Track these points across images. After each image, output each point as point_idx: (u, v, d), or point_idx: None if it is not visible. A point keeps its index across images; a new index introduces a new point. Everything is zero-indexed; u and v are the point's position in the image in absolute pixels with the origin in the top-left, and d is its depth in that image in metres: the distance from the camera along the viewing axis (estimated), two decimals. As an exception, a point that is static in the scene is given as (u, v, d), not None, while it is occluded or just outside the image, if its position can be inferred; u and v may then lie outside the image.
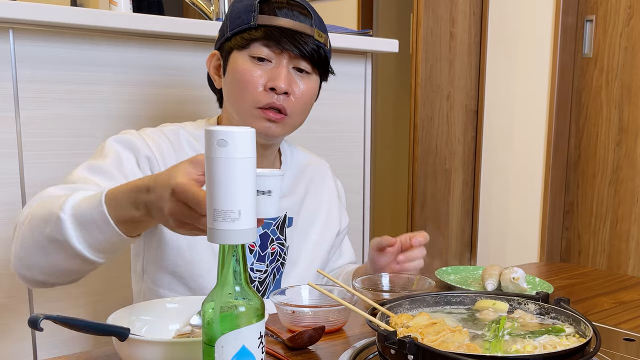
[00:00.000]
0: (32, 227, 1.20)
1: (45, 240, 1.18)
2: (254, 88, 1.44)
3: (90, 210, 1.14)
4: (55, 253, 1.19)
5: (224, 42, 1.49)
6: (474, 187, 4.07)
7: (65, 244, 1.16)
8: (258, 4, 1.44)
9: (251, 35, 1.43)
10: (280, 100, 1.45)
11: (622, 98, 3.45)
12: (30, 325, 0.93)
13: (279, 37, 1.42)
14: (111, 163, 1.38)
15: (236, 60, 1.46)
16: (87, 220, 1.14)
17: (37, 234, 1.19)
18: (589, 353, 0.98)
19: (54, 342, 1.84)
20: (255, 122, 1.46)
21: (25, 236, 1.21)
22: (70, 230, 1.15)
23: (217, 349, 0.78)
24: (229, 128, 0.77)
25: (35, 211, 1.21)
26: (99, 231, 1.14)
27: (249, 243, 0.81)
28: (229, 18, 1.48)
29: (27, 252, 1.22)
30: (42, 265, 1.22)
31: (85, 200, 1.17)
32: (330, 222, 1.72)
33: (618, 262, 3.53)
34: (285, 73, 1.45)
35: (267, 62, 1.45)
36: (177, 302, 1.22)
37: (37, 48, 1.77)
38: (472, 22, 3.90)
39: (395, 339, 0.95)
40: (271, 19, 1.43)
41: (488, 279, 1.57)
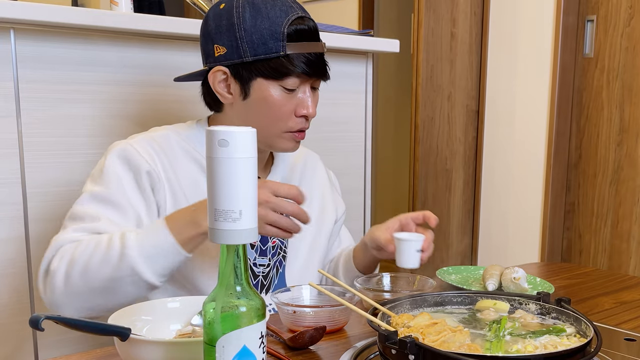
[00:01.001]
0: (87, 275, 1.30)
1: (109, 282, 1.29)
2: (288, 118, 1.48)
3: (157, 241, 1.30)
4: (118, 290, 1.30)
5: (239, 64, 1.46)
6: (475, 187, 4.07)
7: (136, 277, 1.29)
8: (285, 31, 1.42)
9: (284, 66, 1.44)
10: (307, 124, 1.52)
11: (623, 98, 3.45)
12: (31, 325, 0.93)
13: (309, 68, 1.45)
14: (115, 190, 1.43)
15: (267, 90, 1.46)
16: (154, 252, 1.29)
17: (94, 279, 1.30)
18: (590, 353, 0.98)
19: (55, 342, 1.84)
20: (284, 143, 1.52)
21: (76, 285, 1.31)
22: (140, 265, 1.28)
23: (218, 349, 0.78)
24: (230, 128, 0.77)
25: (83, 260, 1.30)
26: (165, 259, 1.29)
27: (250, 243, 0.80)
28: (246, 40, 1.43)
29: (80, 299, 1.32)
30: (100, 305, 1.33)
31: (146, 233, 1.31)
32: (326, 211, 1.73)
33: (619, 262, 3.53)
34: (312, 99, 1.50)
35: (294, 89, 1.48)
36: (178, 302, 1.22)
37: (38, 48, 1.78)
38: (473, 22, 3.90)
39: (396, 339, 0.95)
40: (298, 46, 1.44)
41: (489, 279, 1.57)
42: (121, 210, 1.41)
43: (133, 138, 1.50)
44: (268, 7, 1.43)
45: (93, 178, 1.46)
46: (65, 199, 1.80)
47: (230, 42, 1.45)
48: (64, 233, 1.38)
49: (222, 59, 1.48)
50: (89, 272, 1.29)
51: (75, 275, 1.30)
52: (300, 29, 1.44)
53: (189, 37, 2.01)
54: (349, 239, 1.86)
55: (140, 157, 1.45)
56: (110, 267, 1.28)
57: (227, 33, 1.45)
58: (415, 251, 1.47)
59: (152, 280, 1.29)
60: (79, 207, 1.42)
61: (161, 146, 1.50)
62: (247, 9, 1.44)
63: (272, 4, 1.44)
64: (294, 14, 1.44)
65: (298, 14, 1.45)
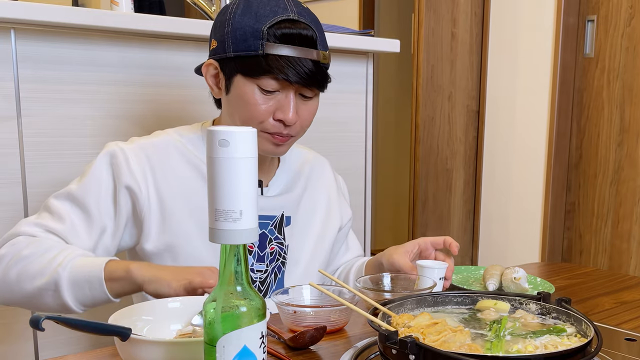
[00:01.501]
0: (21, 273, 1.35)
1: (36, 290, 1.34)
2: (262, 118, 1.45)
3: (89, 272, 1.32)
4: (40, 299, 1.35)
5: (224, 58, 1.46)
6: (475, 187, 4.07)
7: (57, 294, 1.33)
8: (266, 30, 1.39)
9: (260, 66, 1.40)
10: (287, 130, 1.47)
11: (624, 98, 3.45)
12: (31, 325, 0.93)
13: (288, 71, 1.40)
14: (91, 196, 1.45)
15: (243, 87, 1.44)
16: (82, 278, 1.32)
17: (25, 281, 1.35)
18: (590, 353, 0.98)
19: (55, 342, 1.84)
20: (262, 143, 1.48)
21: (10, 279, 1.36)
22: (65, 285, 1.32)
23: (219, 349, 0.78)
24: (230, 128, 0.78)
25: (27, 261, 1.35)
26: (90, 291, 1.33)
27: (251, 243, 0.80)
28: (231, 35, 1.42)
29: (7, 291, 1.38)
30: (17, 303, 1.41)
31: (85, 260, 1.35)
32: (331, 218, 1.71)
33: (619, 262, 3.53)
34: (294, 105, 1.45)
35: (275, 92, 1.44)
36: (178, 302, 1.22)
37: (39, 48, 1.78)
38: (473, 22, 3.90)
39: (396, 339, 0.95)
40: (279, 48, 1.39)
41: (489, 279, 1.57)
42: (87, 215, 1.44)
43: (131, 142, 1.50)
44: (260, 6, 1.42)
45: (81, 175, 1.48)
46: (66, 199, 1.80)
47: (221, 36, 1.45)
48: (26, 224, 1.43)
49: (213, 52, 1.49)
50: (26, 273, 1.34)
51: (13, 271, 1.35)
52: (286, 32, 1.40)
53: (189, 37, 2.01)
54: (358, 248, 1.84)
55: (125, 169, 1.45)
56: (42, 278, 1.33)
57: (220, 27, 1.46)
58: (439, 279, 1.47)
59: (70, 303, 1.33)
60: (53, 200, 1.46)
61: (158, 154, 1.49)
62: (241, 5, 1.43)
63: (266, 2, 1.42)
64: (284, 16, 1.40)
65: (289, 17, 1.41)
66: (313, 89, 1.47)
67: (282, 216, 1.60)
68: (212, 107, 1.71)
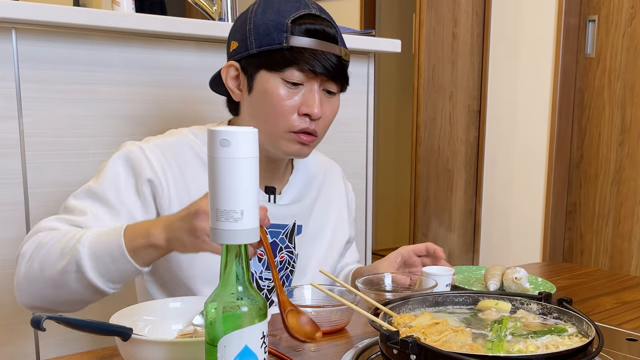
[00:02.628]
0: (43, 262, 1.28)
1: (58, 274, 1.26)
2: (289, 114, 1.43)
3: (108, 243, 1.24)
4: (67, 285, 1.27)
5: (246, 57, 1.45)
6: (476, 187, 4.07)
7: (81, 275, 1.25)
8: (290, 23, 1.40)
9: (284, 58, 1.40)
10: (313, 125, 1.46)
11: (625, 98, 3.45)
12: (32, 325, 0.93)
13: (313, 62, 1.40)
14: (108, 188, 1.40)
15: (267, 82, 1.43)
16: (103, 252, 1.24)
17: (48, 268, 1.27)
18: (592, 353, 0.98)
19: (56, 342, 1.84)
20: (287, 145, 1.46)
21: (34, 271, 1.29)
22: (86, 262, 1.23)
23: (220, 349, 0.78)
24: (231, 128, 0.78)
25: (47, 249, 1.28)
26: (113, 264, 1.24)
27: (252, 242, 0.80)
28: (253, 33, 1.42)
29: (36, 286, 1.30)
30: (50, 298, 1.31)
31: (103, 233, 1.26)
32: (340, 229, 1.71)
33: (620, 262, 3.53)
34: (319, 98, 1.44)
35: (299, 85, 1.43)
36: (179, 302, 1.22)
37: (40, 48, 1.78)
38: (474, 22, 3.90)
39: (397, 338, 0.95)
40: (304, 41, 1.40)
41: (490, 279, 1.57)
42: (111, 208, 1.39)
43: (147, 141, 1.48)
44: (281, 3, 1.43)
45: (96, 174, 1.45)
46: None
47: (242, 36, 1.44)
48: (47, 221, 1.37)
49: (233, 53, 1.48)
50: (47, 260, 1.27)
51: (36, 261, 1.28)
52: (310, 27, 1.41)
53: (190, 37, 2.01)
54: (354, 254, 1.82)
55: (145, 163, 1.42)
56: (63, 260, 1.26)
57: (240, 28, 1.46)
58: (445, 285, 1.47)
59: (95, 280, 1.24)
60: (72, 199, 1.41)
61: (173, 153, 1.47)
62: (261, 4, 1.44)
63: (287, 0, 1.43)
64: (306, 10, 1.42)
65: (311, 11, 1.43)
66: (337, 84, 1.47)
67: (293, 225, 1.59)
68: (213, 107, 1.71)
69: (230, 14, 2.31)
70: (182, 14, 6.07)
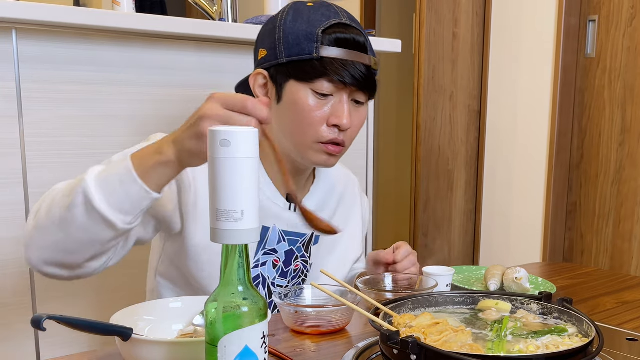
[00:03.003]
0: (50, 204, 1.19)
1: (65, 211, 1.16)
2: (318, 124, 1.42)
3: (115, 167, 1.15)
4: (75, 221, 1.16)
5: (275, 66, 1.44)
6: (476, 187, 4.07)
7: (88, 205, 1.14)
8: (321, 33, 1.39)
9: (314, 69, 1.39)
10: (341, 135, 1.44)
11: (625, 98, 3.45)
12: (33, 325, 0.94)
13: (343, 73, 1.39)
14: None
15: (297, 93, 1.41)
16: (110, 177, 1.14)
17: (55, 208, 1.18)
18: (592, 353, 0.98)
19: (57, 342, 1.84)
20: (315, 155, 1.45)
21: (41, 217, 1.20)
22: (92, 189, 1.13)
23: (220, 349, 0.78)
24: (231, 128, 0.78)
25: (52, 198, 1.21)
26: (121, 187, 1.13)
27: (252, 243, 0.80)
28: (283, 42, 1.41)
29: (44, 233, 1.20)
30: (61, 243, 1.20)
31: (110, 164, 1.19)
32: (353, 245, 1.71)
33: (621, 262, 3.53)
34: (348, 109, 1.43)
35: (329, 96, 1.42)
36: (180, 302, 1.22)
37: (40, 48, 1.78)
38: (475, 22, 3.90)
39: (398, 339, 0.95)
40: (334, 51, 1.39)
41: (491, 279, 1.57)
42: None
43: None
44: (311, 12, 1.42)
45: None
46: (67, 199, 1.80)
47: (271, 44, 1.43)
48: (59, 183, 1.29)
49: (262, 61, 1.46)
50: (54, 201, 1.19)
51: (43, 208, 1.21)
52: (340, 37, 1.40)
53: (191, 37, 2.01)
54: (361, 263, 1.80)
55: None
56: (69, 195, 1.16)
57: (269, 36, 1.44)
58: (446, 286, 1.47)
59: (105, 211, 1.13)
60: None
61: None
62: (290, 13, 1.43)
63: (317, 9, 1.42)
64: (337, 20, 1.41)
65: (342, 21, 1.42)
66: (366, 93, 1.46)
67: (312, 235, 1.59)
68: (213, 107, 1.70)
69: (230, 14, 2.31)
70: (183, 14, 6.07)
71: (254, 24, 2.20)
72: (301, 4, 1.46)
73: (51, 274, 1.26)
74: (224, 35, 2.03)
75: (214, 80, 2.10)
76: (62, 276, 1.26)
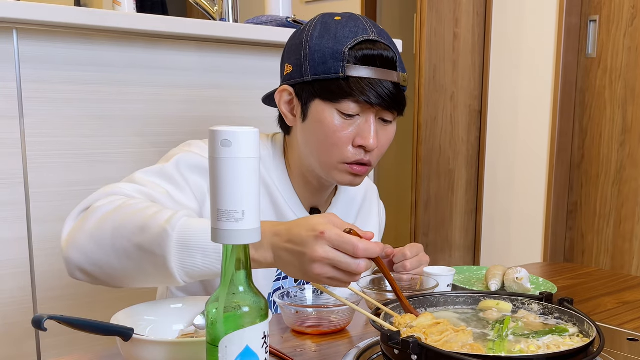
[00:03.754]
0: (120, 230, 1.15)
1: (133, 247, 1.14)
2: (344, 145, 1.38)
3: (202, 234, 1.10)
4: (138, 262, 1.15)
5: (300, 83, 1.40)
6: (477, 187, 4.07)
7: (160, 259, 1.11)
8: (347, 52, 1.34)
9: (340, 89, 1.34)
10: (367, 156, 1.41)
11: (626, 98, 3.45)
12: (34, 325, 0.93)
13: (369, 93, 1.34)
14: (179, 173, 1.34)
15: (323, 113, 1.37)
16: (195, 243, 1.10)
17: (123, 237, 1.15)
18: (593, 353, 0.98)
19: (57, 342, 1.84)
20: (340, 175, 1.42)
21: (105, 233, 1.16)
22: (173, 248, 1.10)
23: (221, 349, 0.78)
24: (233, 128, 0.78)
25: (126, 214, 1.17)
26: (202, 258, 1.11)
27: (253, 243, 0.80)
28: (309, 59, 1.37)
29: (97, 246, 1.17)
30: (108, 266, 1.18)
31: (196, 221, 1.13)
32: None
33: (622, 262, 3.53)
34: (375, 130, 1.38)
35: (355, 116, 1.38)
36: (180, 303, 1.22)
37: (41, 48, 1.78)
38: (475, 22, 3.90)
39: (398, 339, 0.95)
40: (361, 70, 1.34)
41: (492, 279, 1.57)
42: (182, 190, 1.32)
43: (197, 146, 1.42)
44: (338, 27, 1.37)
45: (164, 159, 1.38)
46: (68, 199, 1.80)
47: (297, 60, 1.39)
48: (117, 187, 1.26)
49: (288, 77, 1.43)
50: (124, 229, 1.15)
51: (109, 225, 1.16)
52: (367, 54, 1.35)
53: (191, 37, 2.01)
54: None
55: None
56: (144, 235, 1.12)
57: (296, 51, 1.40)
58: (446, 286, 1.47)
59: (175, 270, 1.11)
60: (140, 174, 1.33)
61: None
62: (317, 27, 1.38)
63: (344, 24, 1.37)
64: (364, 37, 1.36)
65: (369, 37, 1.36)
66: (393, 112, 1.41)
67: None
68: (216, 107, 1.71)
69: (231, 14, 2.31)
70: (183, 14, 6.07)
71: (255, 24, 2.20)
72: (329, 17, 1.41)
73: (78, 278, 1.23)
74: (224, 35, 2.03)
75: (214, 80, 2.11)
76: (87, 281, 1.24)
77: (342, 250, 1.05)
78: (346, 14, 1.41)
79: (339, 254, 1.05)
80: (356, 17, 1.41)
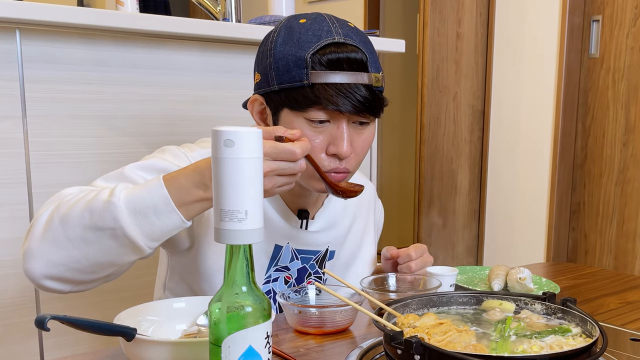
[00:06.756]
0: (67, 220, 1.15)
1: (87, 230, 1.14)
2: (316, 155, 1.30)
3: (149, 194, 1.13)
4: (98, 243, 1.14)
5: (268, 92, 1.33)
6: (480, 187, 4.07)
7: (118, 230, 1.12)
8: (310, 58, 1.27)
9: (306, 97, 1.27)
10: (343, 163, 1.34)
11: (629, 98, 3.45)
12: (37, 325, 0.94)
13: (337, 100, 1.26)
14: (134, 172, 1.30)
15: (292, 123, 1.30)
16: (144, 205, 1.13)
17: (74, 226, 1.15)
18: (596, 353, 0.98)
19: (60, 342, 1.85)
20: (318, 184, 1.34)
21: (55, 230, 1.16)
22: (125, 216, 1.12)
23: (224, 349, 0.78)
24: (235, 128, 0.78)
25: (68, 205, 1.17)
26: (157, 216, 1.13)
27: (256, 243, 0.80)
28: (273, 67, 1.30)
29: (56, 248, 1.16)
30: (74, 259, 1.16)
31: (138, 187, 1.16)
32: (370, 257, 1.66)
33: (625, 262, 3.53)
34: (347, 135, 1.31)
35: (326, 122, 1.31)
36: (184, 302, 1.22)
37: (44, 48, 1.78)
38: (478, 22, 3.90)
39: (401, 339, 0.95)
40: (326, 75, 1.26)
41: (494, 279, 1.57)
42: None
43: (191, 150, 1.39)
44: (302, 32, 1.30)
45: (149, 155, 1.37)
46: (71, 199, 1.80)
47: (264, 69, 1.34)
48: (57, 193, 1.27)
49: (257, 87, 1.37)
50: (70, 218, 1.15)
51: (56, 221, 1.16)
52: (332, 58, 1.27)
53: (194, 38, 2.01)
54: None
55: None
56: (93, 215, 1.13)
57: (262, 59, 1.35)
58: (449, 286, 1.47)
59: (136, 237, 1.13)
60: (99, 181, 1.30)
61: None
62: (282, 33, 1.32)
63: (308, 27, 1.31)
64: (328, 40, 1.28)
65: (334, 40, 1.29)
66: (367, 116, 1.33)
67: (326, 251, 1.54)
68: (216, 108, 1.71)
69: (234, 14, 2.31)
70: (186, 14, 6.07)
71: (258, 24, 2.20)
72: (294, 20, 1.35)
73: (50, 288, 1.22)
74: (227, 35, 2.03)
75: (217, 80, 2.11)
76: (60, 291, 1.23)
77: (282, 159, 1.12)
78: (312, 15, 1.35)
79: (280, 163, 1.12)
80: (322, 18, 1.34)
